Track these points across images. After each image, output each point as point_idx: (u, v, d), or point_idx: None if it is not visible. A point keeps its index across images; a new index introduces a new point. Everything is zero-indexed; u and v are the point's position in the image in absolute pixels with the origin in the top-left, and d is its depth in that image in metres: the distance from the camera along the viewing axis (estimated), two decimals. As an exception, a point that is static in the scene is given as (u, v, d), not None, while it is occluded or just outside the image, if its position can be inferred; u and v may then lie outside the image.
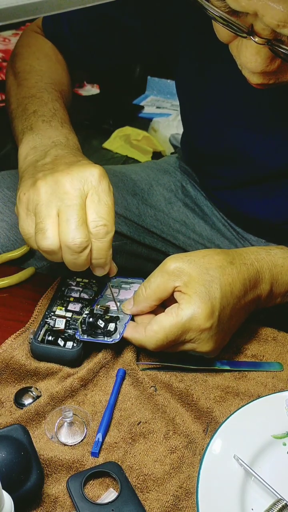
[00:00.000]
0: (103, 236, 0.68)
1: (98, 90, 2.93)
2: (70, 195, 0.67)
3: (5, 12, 0.45)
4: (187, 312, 0.68)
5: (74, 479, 0.60)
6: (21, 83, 0.91)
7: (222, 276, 0.71)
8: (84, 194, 0.68)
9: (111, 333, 0.72)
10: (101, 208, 0.68)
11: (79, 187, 0.68)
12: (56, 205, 0.67)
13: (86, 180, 0.68)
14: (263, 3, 0.54)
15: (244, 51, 0.62)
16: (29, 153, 0.77)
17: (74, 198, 0.67)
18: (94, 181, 0.68)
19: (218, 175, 1.03)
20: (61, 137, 0.79)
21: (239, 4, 0.55)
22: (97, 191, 0.68)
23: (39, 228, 0.67)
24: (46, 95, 0.87)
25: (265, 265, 0.75)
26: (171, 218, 1.12)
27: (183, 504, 0.60)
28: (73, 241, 0.66)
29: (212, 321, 0.68)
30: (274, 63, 0.62)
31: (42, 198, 0.67)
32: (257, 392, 0.72)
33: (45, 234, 0.66)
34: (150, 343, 0.70)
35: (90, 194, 0.68)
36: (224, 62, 0.69)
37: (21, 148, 0.79)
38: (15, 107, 0.88)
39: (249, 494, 0.60)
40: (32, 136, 0.79)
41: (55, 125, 0.81)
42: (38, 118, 0.82)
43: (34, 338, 0.72)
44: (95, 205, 0.68)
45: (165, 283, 0.71)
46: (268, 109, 0.87)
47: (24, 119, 0.83)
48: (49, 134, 0.79)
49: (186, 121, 1.06)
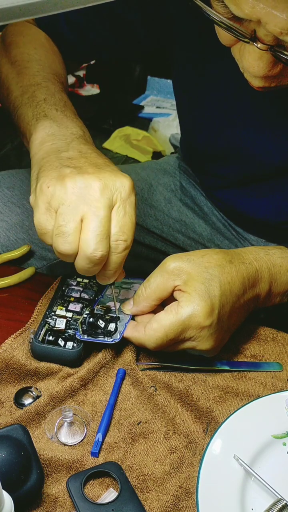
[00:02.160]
0: (121, 251, 0.67)
1: (98, 90, 2.93)
2: (99, 203, 0.65)
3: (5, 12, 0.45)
4: (187, 310, 0.68)
5: (74, 479, 0.60)
6: (21, 71, 0.88)
7: (221, 274, 0.71)
8: (112, 205, 0.66)
9: (111, 333, 0.72)
10: (126, 223, 0.66)
11: (108, 196, 0.66)
12: (82, 210, 0.65)
13: (117, 190, 0.66)
14: (266, 11, 0.54)
15: (246, 56, 0.62)
16: (45, 139, 0.74)
17: (103, 208, 0.65)
18: (124, 193, 0.67)
19: (218, 173, 1.03)
20: (77, 129, 0.76)
21: (243, 12, 0.55)
22: (125, 204, 0.67)
23: (61, 231, 0.65)
24: (51, 85, 0.85)
25: (264, 264, 0.75)
26: (171, 218, 1.12)
27: (183, 504, 0.60)
28: (94, 252, 0.65)
29: (212, 318, 0.69)
30: (276, 68, 0.62)
31: (69, 198, 0.65)
32: (257, 392, 0.72)
33: (67, 239, 0.64)
34: (150, 341, 0.70)
35: (117, 205, 0.66)
36: (223, 59, 0.69)
37: (36, 133, 0.75)
38: (19, 94, 0.85)
39: (249, 494, 0.60)
40: (48, 122, 0.76)
41: (70, 115, 0.79)
42: (51, 107, 0.79)
43: (34, 338, 0.72)
44: (120, 218, 0.66)
45: (165, 283, 0.71)
46: (267, 107, 0.86)
47: (34, 106, 0.80)
48: (66, 124, 0.76)
49: (184, 120, 1.06)
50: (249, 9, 0.55)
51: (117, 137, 2.57)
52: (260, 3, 0.54)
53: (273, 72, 0.63)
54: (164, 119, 2.67)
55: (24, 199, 0.99)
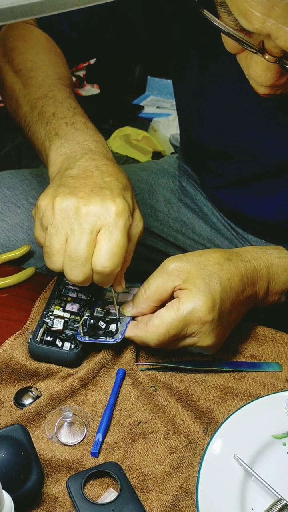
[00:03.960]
0: (105, 276, 0.68)
1: (98, 90, 2.93)
2: (81, 228, 0.66)
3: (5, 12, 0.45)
4: (188, 306, 0.68)
5: (74, 479, 0.60)
6: (27, 82, 0.88)
7: (220, 271, 0.72)
8: (96, 229, 0.66)
9: (113, 334, 0.72)
10: (110, 248, 0.66)
11: (92, 222, 0.66)
12: (65, 233, 0.66)
13: (101, 216, 0.67)
14: (277, 26, 0.54)
15: (254, 66, 0.62)
16: (58, 160, 0.76)
17: (84, 234, 0.66)
18: (109, 219, 0.67)
19: (219, 172, 1.03)
20: (89, 141, 0.77)
21: (253, 26, 0.55)
22: (110, 229, 0.67)
23: (46, 251, 0.68)
24: (58, 93, 0.85)
25: (262, 263, 0.76)
26: (171, 218, 1.12)
27: (183, 504, 0.60)
28: (71, 277, 0.67)
29: (213, 313, 0.69)
30: (283, 78, 0.62)
31: (55, 220, 0.67)
32: (256, 392, 0.72)
33: (51, 259, 0.67)
34: (152, 338, 0.70)
35: (103, 230, 0.67)
36: (226, 58, 0.69)
37: (51, 155, 0.77)
38: (28, 110, 0.85)
39: (249, 494, 0.60)
40: (60, 142, 0.77)
41: (80, 127, 0.79)
42: (60, 121, 0.80)
43: (32, 338, 0.72)
44: (105, 243, 0.66)
45: (165, 284, 0.71)
46: (270, 105, 0.86)
47: (45, 124, 0.81)
48: (77, 139, 0.77)
49: (184, 118, 1.05)
50: (259, 24, 0.54)
51: (117, 137, 2.57)
52: (270, 18, 0.53)
53: (280, 82, 0.63)
54: (164, 119, 2.67)
55: (24, 199, 0.99)
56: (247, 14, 0.55)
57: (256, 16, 0.54)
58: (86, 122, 0.81)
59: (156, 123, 2.64)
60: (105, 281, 0.69)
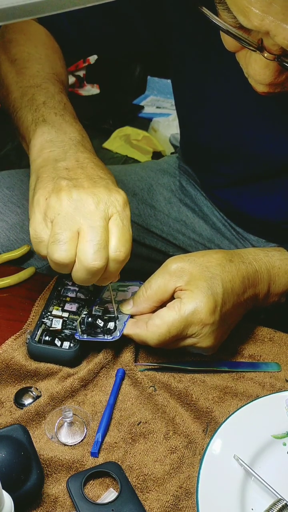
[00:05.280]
0: (120, 262, 0.67)
1: (98, 90, 2.93)
2: (95, 216, 0.66)
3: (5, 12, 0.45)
4: (190, 306, 0.68)
5: (74, 479, 0.60)
6: (21, 71, 0.88)
7: (223, 273, 0.72)
8: (107, 216, 0.67)
9: (111, 331, 0.72)
10: (124, 235, 0.67)
11: (103, 209, 0.66)
12: (78, 222, 0.65)
13: (112, 204, 0.67)
14: (276, 24, 0.54)
15: (252, 64, 0.62)
16: (44, 146, 0.75)
17: (99, 220, 0.66)
18: (119, 206, 0.67)
19: (219, 172, 1.03)
20: (76, 134, 0.77)
21: (252, 24, 0.55)
22: (121, 216, 0.67)
23: (56, 239, 0.65)
24: (51, 86, 0.85)
25: (263, 265, 0.76)
26: (171, 218, 1.12)
27: (183, 504, 0.60)
28: (93, 263, 0.65)
29: (215, 315, 0.69)
30: (282, 76, 0.62)
31: (64, 210, 0.66)
32: (256, 392, 0.72)
33: (62, 247, 0.65)
34: (152, 338, 0.70)
35: (114, 217, 0.67)
36: (226, 57, 0.69)
37: (35, 139, 0.76)
38: (18, 96, 0.85)
39: (249, 494, 0.60)
40: (47, 128, 0.76)
41: (69, 119, 0.79)
42: (50, 110, 0.79)
43: (31, 338, 0.72)
44: (119, 230, 0.67)
45: (166, 284, 0.71)
46: (270, 104, 0.86)
47: (33, 110, 0.80)
48: (64, 129, 0.77)
49: (184, 118, 1.05)
50: (258, 21, 0.54)
51: (117, 137, 2.57)
52: (269, 15, 0.53)
53: (279, 80, 0.63)
54: (164, 119, 2.67)
55: (24, 199, 0.99)
56: (245, 11, 0.55)
57: (255, 13, 0.54)
58: (75, 118, 0.81)
59: (156, 123, 2.64)
60: (116, 270, 0.68)
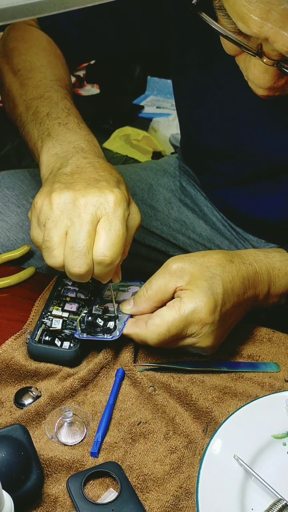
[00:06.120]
0: (105, 266, 0.68)
1: (98, 90, 2.93)
2: (81, 219, 0.66)
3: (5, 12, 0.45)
4: (190, 306, 0.68)
5: (74, 479, 0.60)
6: (24, 82, 0.89)
7: (223, 273, 0.72)
8: (96, 220, 0.67)
9: (110, 331, 0.72)
10: (111, 238, 0.67)
11: (91, 212, 0.66)
12: (65, 225, 0.66)
13: (101, 205, 0.67)
14: (275, 30, 0.54)
15: (252, 68, 0.62)
16: (50, 160, 0.76)
17: (85, 224, 0.66)
18: (108, 208, 0.67)
19: (219, 172, 1.03)
20: (81, 141, 0.77)
21: (251, 30, 0.55)
22: (110, 218, 0.67)
23: (46, 246, 0.67)
24: (54, 94, 0.85)
25: (264, 267, 0.76)
26: (171, 218, 1.12)
27: (183, 504, 0.60)
28: (73, 269, 0.67)
29: (215, 315, 0.69)
30: (281, 80, 0.63)
31: (53, 214, 0.67)
32: (255, 392, 0.72)
33: (51, 254, 0.67)
34: (152, 337, 0.70)
35: (102, 220, 0.67)
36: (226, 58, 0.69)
37: (42, 155, 0.77)
38: (23, 110, 0.86)
39: (249, 494, 0.60)
40: (52, 143, 0.77)
41: (73, 127, 0.79)
42: (53, 122, 0.80)
43: (31, 338, 0.72)
44: (105, 233, 0.67)
45: (167, 284, 0.71)
46: (270, 105, 0.86)
47: (38, 124, 0.81)
48: (68, 139, 0.77)
49: (185, 118, 1.05)
50: (257, 28, 0.55)
51: (117, 137, 2.57)
52: (268, 22, 0.54)
53: (278, 84, 0.63)
54: (164, 119, 2.67)
55: (24, 199, 0.99)
56: (245, 18, 0.55)
57: (254, 20, 0.54)
58: (79, 123, 0.81)
59: (156, 123, 2.64)
60: (105, 273, 0.69)
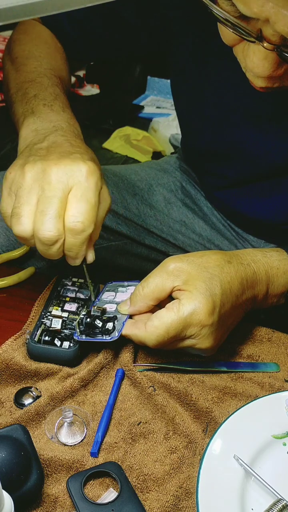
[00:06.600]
0: (78, 233, 0.68)
1: (98, 90, 2.93)
2: (52, 186, 0.67)
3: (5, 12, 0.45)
4: (189, 307, 0.68)
5: (74, 479, 0.60)
6: (19, 68, 0.90)
7: (221, 274, 0.72)
8: (67, 188, 0.67)
9: (109, 332, 0.72)
10: (82, 205, 0.67)
11: (63, 180, 0.67)
12: (37, 193, 0.67)
13: (73, 174, 0.68)
14: (276, 10, 0.53)
15: (251, 56, 0.61)
16: (28, 135, 0.77)
17: (55, 190, 0.66)
18: (80, 177, 0.68)
19: (218, 173, 1.03)
20: (62, 122, 0.78)
21: (251, 11, 0.55)
22: (81, 187, 0.68)
23: (15, 213, 0.67)
24: (46, 80, 0.87)
25: (262, 267, 0.76)
26: (171, 218, 1.12)
27: (183, 504, 0.60)
28: (43, 233, 0.66)
29: (214, 316, 0.69)
30: (281, 69, 0.62)
31: (26, 183, 0.68)
32: (255, 392, 0.72)
33: (20, 220, 0.67)
34: (150, 339, 0.70)
35: (74, 189, 0.67)
36: (224, 59, 0.69)
37: (22, 130, 0.78)
38: (15, 91, 0.87)
39: (249, 494, 0.60)
40: (33, 119, 0.78)
41: (56, 109, 0.80)
42: (39, 102, 0.81)
43: (30, 339, 0.72)
44: (76, 200, 0.67)
45: (164, 283, 0.71)
46: (268, 106, 0.86)
47: (24, 103, 0.82)
48: (50, 118, 0.78)
49: (183, 119, 1.06)
50: (258, 7, 0.54)
51: (117, 137, 2.57)
52: (269, 2, 0.53)
53: (278, 73, 0.62)
54: (164, 119, 2.67)
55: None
56: None
57: None
58: (64, 108, 0.82)
59: (156, 123, 2.64)
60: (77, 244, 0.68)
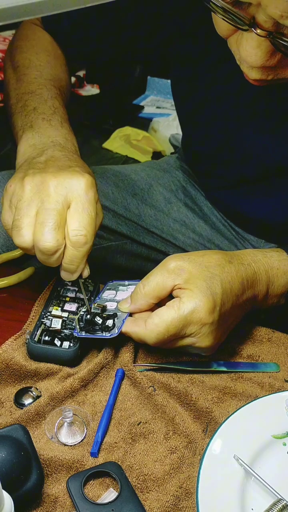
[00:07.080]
0: (81, 246, 0.69)
1: (98, 90, 2.93)
2: (51, 198, 0.68)
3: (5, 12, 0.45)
4: (189, 306, 0.68)
5: (74, 479, 0.60)
6: (20, 78, 0.91)
7: (222, 273, 0.72)
8: (66, 201, 0.69)
9: (109, 329, 0.72)
10: (84, 218, 0.69)
11: (62, 193, 0.69)
12: (36, 205, 0.68)
13: (72, 188, 0.69)
14: None
15: (244, 45, 0.61)
16: (27, 150, 0.78)
17: (54, 203, 0.68)
18: (79, 190, 0.69)
19: (218, 174, 1.03)
20: (59, 137, 0.79)
21: None
22: (82, 200, 0.69)
23: (15, 225, 0.69)
24: (45, 92, 0.87)
25: (262, 267, 0.76)
26: (171, 218, 1.13)
27: (183, 504, 0.60)
28: (43, 244, 0.68)
29: (214, 315, 0.69)
30: (274, 58, 0.62)
31: (25, 195, 0.69)
32: (255, 392, 0.72)
33: (20, 232, 0.68)
34: (150, 337, 0.70)
35: (74, 202, 0.69)
36: (223, 61, 0.69)
37: (20, 145, 0.80)
38: (15, 102, 0.88)
39: (249, 494, 0.60)
40: (31, 134, 0.80)
41: (55, 124, 0.81)
42: (38, 116, 0.82)
43: (30, 339, 0.72)
44: (78, 214, 0.69)
45: (164, 281, 0.71)
46: (267, 107, 0.87)
47: (24, 116, 0.83)
48: (48, 133, 0.80)
49: (183, 120, 1.06)
50: None
51: (117, 137, 2.57)
52: None
53: (271, 63, 0.62)
54: (164, 119, 2.67)
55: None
56: None
57: None
58: (63, 122, 0.83)
59: (156, 123, 2.64)
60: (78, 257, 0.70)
